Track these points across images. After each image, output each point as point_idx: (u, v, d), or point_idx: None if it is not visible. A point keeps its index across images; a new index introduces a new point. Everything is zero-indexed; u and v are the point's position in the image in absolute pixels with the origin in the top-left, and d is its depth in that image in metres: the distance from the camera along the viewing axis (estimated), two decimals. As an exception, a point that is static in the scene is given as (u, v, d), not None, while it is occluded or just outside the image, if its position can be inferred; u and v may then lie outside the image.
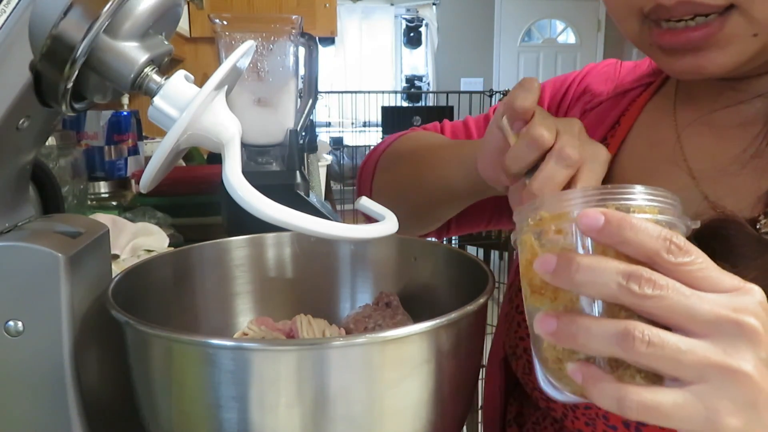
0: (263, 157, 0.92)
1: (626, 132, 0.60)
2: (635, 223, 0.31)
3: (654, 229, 0.32)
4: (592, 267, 0.31)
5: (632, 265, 0.31)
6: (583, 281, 0.32)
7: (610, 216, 0.32)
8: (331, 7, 2.14)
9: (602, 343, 0.31)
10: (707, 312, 0.31)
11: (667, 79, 0.62)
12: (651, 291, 0.30)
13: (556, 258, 0.32)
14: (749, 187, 0.49)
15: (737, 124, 0.52)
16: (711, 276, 0.32)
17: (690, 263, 0.31)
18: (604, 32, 6.04)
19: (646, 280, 0.30)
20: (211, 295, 0.58)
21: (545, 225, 0.35)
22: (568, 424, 0.54)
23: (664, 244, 0.31)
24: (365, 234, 0.43)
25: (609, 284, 0.31)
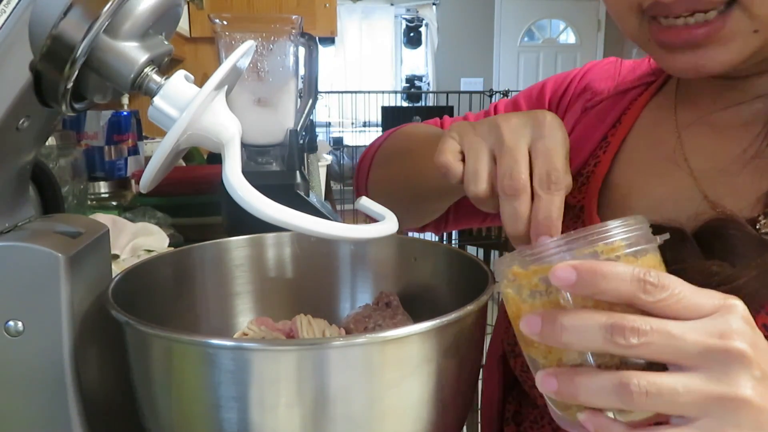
0: (263, 157, 0.92)
1: (627, 131, 0.60)
2: (606, 271, 0.32)
3: (625, 272, 0.32)
4: (575, 326, 0.32)
5: (614, 316, 0.32)
6: (570, 341, 0.32)
7: (581, 268, 0.32)
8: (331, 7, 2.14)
9: (603, 398, 0.32)
10: (694, 345, 0.31)
11: (668, 78, 0.62)
12: (636, 340, 0.31)
13: (540, 320, 0.33)
14: (749, 187, 0.49)
15: (738, 124, 0.52)
16: (690, 303, 0.32)
17: (668, 297, 0.32)
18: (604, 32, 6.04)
19: (630, 330, 0.31)
20: (211, 295, 0.58)
21: (522, 281, 0.36)
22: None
23: (639, 286, 0.32)
24: (365, 234, 0.43)
25: (595, 340, 0.32)
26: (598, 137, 0.61)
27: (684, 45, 0.48)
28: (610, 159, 0.59)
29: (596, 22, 6.05)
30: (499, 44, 6.15)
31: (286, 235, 0.60)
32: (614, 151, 0.59)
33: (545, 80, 0.74)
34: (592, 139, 0.62)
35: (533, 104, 0.73)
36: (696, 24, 0.46)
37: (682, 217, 0.49)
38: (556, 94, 0.72)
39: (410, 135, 0.77)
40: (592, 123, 0.63)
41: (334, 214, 1.06)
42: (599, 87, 0.67)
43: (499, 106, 0.77)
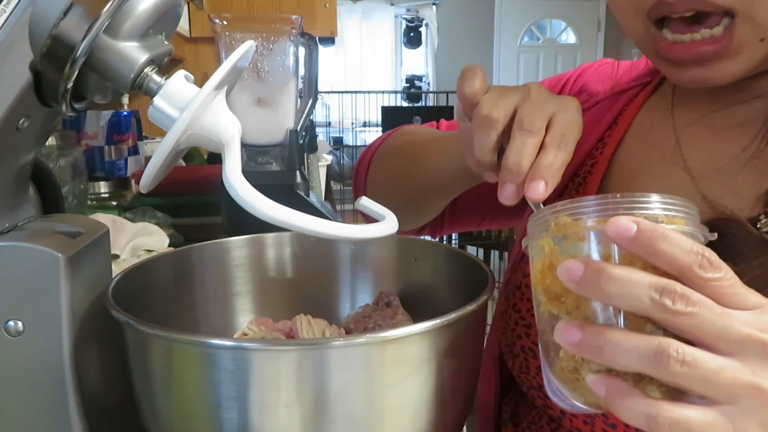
0: (263, 157, 0.92)
1: (623, 132, 0.60)
2: (669, 235, 0.31)
3: (687, 242, 0.31)
4: (623, 279, 0.30)
5: (666, 279, 0.30)
6: (614, 293, 0.31)
7: (643, 226, 0.31)
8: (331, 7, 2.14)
9: (632, 360, 0.30)
10: (736, 331, 0.30)
11: (665, 78, 0.62)
12: (684, 308, 0.30)
13: (584, 266, 0.31)
14: (748, 186, 0.49)
15: (736, 124, 0.52)
16: (738, 293, 0.31)
17: (720, 279, 0.31)
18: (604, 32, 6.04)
19: (680, 296, 0.30)
20: (211, 295, 0.58)
21: (567, 230, 0.34)
22: (566, 422, 0.54)
23: (696, 259, 0.30)
24: (365, 234, 0.43)
25: (641, 297, 0.30)
26: (595, 138, 0.61)
27: (692, 61, 0.47)
28: (607, 160, 0.59)
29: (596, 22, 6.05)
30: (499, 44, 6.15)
31: (286, 235, 0.60)
32: (611, 151, 0.59)
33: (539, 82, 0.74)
34: (589, 140, 0.62)
35: None
36: (703, 40, 0.46)
37: None
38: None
39: (409, 133, 0.77)
40: (589, 124, 0.63)
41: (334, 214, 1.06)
42: (595, 88, 0.67)
43: None
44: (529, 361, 0.57)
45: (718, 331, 0.30)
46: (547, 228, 0.35)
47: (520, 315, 0.58)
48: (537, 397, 0.57)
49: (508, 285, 0.62)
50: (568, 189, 0.61)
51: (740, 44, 0.46)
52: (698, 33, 0.46)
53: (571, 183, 0.61)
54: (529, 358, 0.57)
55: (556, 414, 0.55)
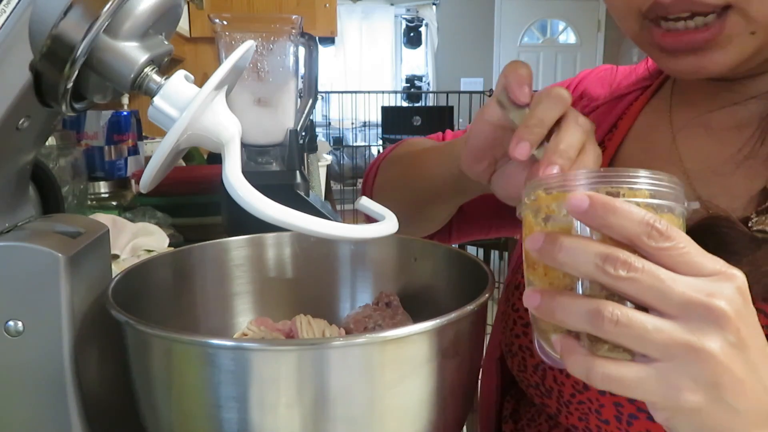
0: (263, 157, 0.92)
1: (623, 135, 0.61)
2: (618, 207, 0.33)
3: (637, 213, 0.33)
4: (572, 247, 0.33)
5: (610, 248, 0.33)
6: (564, 260, 0.34)
7: (594, 199, 0.33)
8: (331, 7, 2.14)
9: (576, 320, 0.34)
10: (679, 294, 0.32)
11: (664, 82, 0.63)
12: (625, 273, 0.32)
13: (543, 237, 0.35)
14: (742, 187, 0.50)
15: (731, 125, 0.53)
16: (692, 260, 0.33)
17: (670, 248, 0.33)
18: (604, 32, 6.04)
19: (622, 263, 0.32)
20: (211, 295, 0.58)
21: (541, 203, 0.37)
22: (562, 419, 0.54)
23: (644, 229, 0.33)
24: (365, 234, 0.43)
25: (587, 264, 0.33)
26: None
27: (685, 49, 0.48)
28: (607, 164, 0.60)
29: (596, 22, 6.05)
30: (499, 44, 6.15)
31: (286, 235, 0.60)
32: (611, 155, 0.60)
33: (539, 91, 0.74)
34: None
35: None
36: (696, 28, 0.47)
37: None
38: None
39: (411, 144, 0.79)
40: None
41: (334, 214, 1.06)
42: (595, 93, 0.68)
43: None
44: (526, 360, 0.57)
45: (659, 294, 0.32)
46: (528, 200, 0.38)
47: (518, 314, 0.59)
48: (535, 395, 0.57)
49: (509, 286, 0.62)
50: None
51: (730, 35, 0.46)
52: (692, 21, 0.47)
53: None
54: (527, 356, 0.57)
55: (553, 411, 0.55)
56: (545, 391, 0.55)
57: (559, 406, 0.54)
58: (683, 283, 0.33)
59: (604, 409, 0.50)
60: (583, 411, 0.52)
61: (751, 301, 0.38)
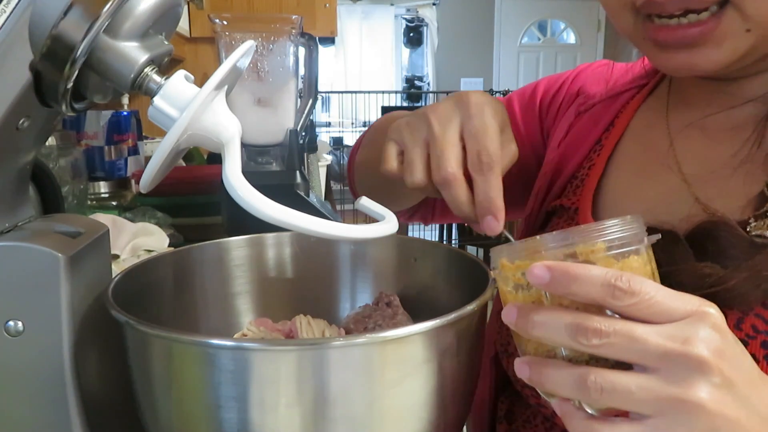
0: (263, 157, 0.92)
1: (620, 134, 0.61)
2: (578, 274, 0.33)
3: (597, 276, 0.33)
4: (543, 322, 0.34)
5: (579, 316, 0.33)
6: (539, 335, 0.35)
7: (554, 270, 0.34)
8: (331, 7, 2.14)
9: (565, 390, 0.34)
10: (655, 348, 0.32)
11: (660, 81, 0.62)
12: (597, 341, 0.33)
13: (516, 311, 0.35)
14: (739, 190, 0.50)
15: (729, 127, 0.53)
16: (661, 309, 0.33)
17: (637, 303, 0.33)
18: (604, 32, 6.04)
19: (592, 331, 0.33)
20: (211, 295, 0.58)
21: (507, 273, 0.38)
22: (559, 421, 0.54)
23: (608, 291, 0.33)
24: (365, 234, 0.43)
25: (560, 336, 0.34)
26: (592, 140, 0.62)
27: (678, 44, 0.48)
28: (604, 162, 0.59)
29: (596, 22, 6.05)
30: (499, 44, 6.14)
31: (286, 235, 0.60)
32: (608, 154, 0.60)
33: (539, 80, 0.75)
34: (587, 143, 0.62)
35: (525, 103, 0.74)
36: (689, 24, 0.46)
37: (674, 219, 0.49)
38: (547, 94, 0.72)
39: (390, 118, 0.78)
40: (586, 126, 0.64)
41: (334, 214, 1.06)
42: (592, 90, 0.68)
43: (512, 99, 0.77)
44: None
45: (636, 352, 0.33)
46: (495, 266, 0.39)
47: None
48: (531, 396, 0.57)
49: None
50: (567, 191, 0.61)
51: (726, 32, 0.46)
52: (685, 18, 0.47)
53: (569, 185, 0.61)
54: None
55: (550, 413, 0.55)
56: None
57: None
58: (657, 334, 0.33)
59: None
60: None
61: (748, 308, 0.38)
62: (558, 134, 0.67)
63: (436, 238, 3.83)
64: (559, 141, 0.66)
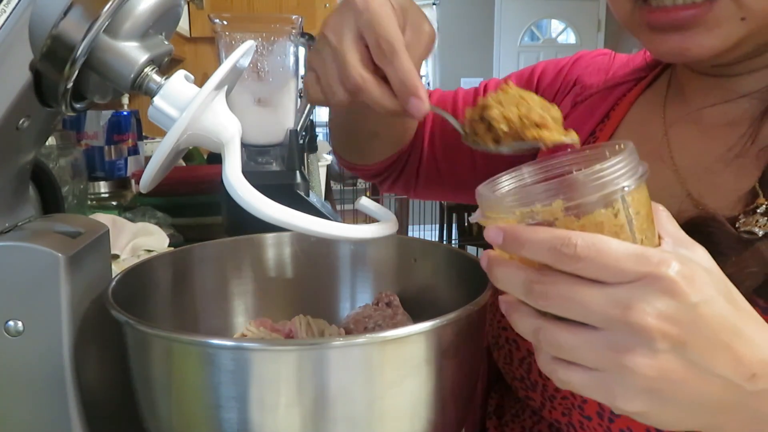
0: (263, 157, 0.92)
1: (615, 126, 0.61)
2: (525, 238, 0.34)
3: (543, 241, 0.34)
4: (503, 277, 0.36)
5: (529, 275, 0.35)
6: (501, 285, 0.37)
7: (506, 233, 0.35)
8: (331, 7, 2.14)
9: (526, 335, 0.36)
10: (597, 312, 0.33)
11: (659, 75, 0.62)
12: (543, 302, 0.34)
13: (486, 261, 0.37)
14: (731, 186, 0.50)
15: (724, 122, 0.53)
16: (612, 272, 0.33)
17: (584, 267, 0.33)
18: (604, 32, 6.04)
19: (538, 293, 0.34)
20: (211, 295, 0.58)
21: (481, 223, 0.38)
22: (546, 414, 0.55)
23: (554, 256, 0.33)
24: (365, 234, 0.43)
25: (516, 289, 0.36)
26: (587, 132, 0.62)
27: (671, 25, 0.48)
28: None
29: (596, 22, 6.05)
30: (499, 44, 6.15)
31: (286, 235, 0.60)
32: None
33: (538, 63, 0.75)
34: (581, 134, 0.62)
35: (522, 84, 0.74)
36: (684, 5, 0.47)
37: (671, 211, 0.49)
38: (545, 76, 0.73)
39: None
40: (582, 117, 0.64)
41: (334, 214, 1.06)
42: (590, 81, 0.68)
43: (489, 84, 0.78)
44: (512, 353, 0.57)
45: (580, 313, 0.34)
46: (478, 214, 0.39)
47: None
48: (520, 389, 0.57)
49: None
50: None
51: (719, 17, 0.46)
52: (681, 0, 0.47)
53: None
54: (513, 349, 0.57)
55: (537, 406, 0.56)
56: (530, 385, 0.55)
57: (543, 401, 0.55)
58: (601, 297, 0.33)
59: (587, 405, 0.50)
60: (566, 406, 0.52)
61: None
62: None
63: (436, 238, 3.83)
64: None
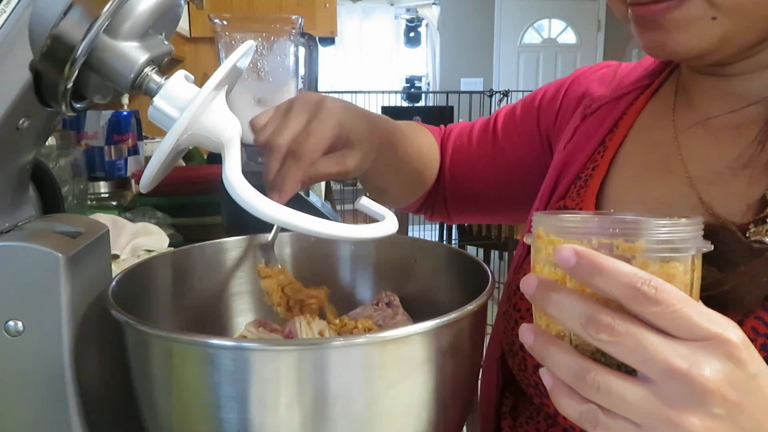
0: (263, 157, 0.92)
1: (624, 135, 0.61)
2: (605, 267, 0.32)
3: (623, 276, 0.32)
4: (559, 303, 0.34)
5: (595, 307, 0.33)
6: (552, 313, 0.34)
7: (582, 256, 0.33)
8: (331, 7, 2.14)
9: (563, 375, 0.34)
10: (661, 361, 0.32)
11: (665, 81, 0.62)
12: (606, 337, 0.32)
13: (536, 283, 0.35)
14: (742, 192, 0.49)
15: (734, 126, 0.53)
16: (683, 325, 0.32)
17: (658, 313, 0.32)
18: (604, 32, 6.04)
19: (604, 326, 0.32)
20: (211, 295, 0.58)
21: (540, 244, 0.36)
22: (561, 420, 0.55)
23: (631, 293, 0.32)
24: (365, 234, 0.43)
25: (572, 321, 0.33)
26: (596, 142, 0.62)
27: (648, 21, 0.50)
28: (607, 163, 0.59)
29: (596, 22, 6.05)
30: (499, 44, 6.14)
31: (286, 235, 0.60)
32: (611, 155, 0.60)
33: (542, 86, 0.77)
34: (590, 144, 0.62)
35: (526, 108, 0.76)
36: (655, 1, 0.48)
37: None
38: (545, 98, 0.74)
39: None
40: (591, 128, 0.64)
41: (334, 214, 1.06)
42: (597, 92, 0.68)
43: (500, 113, 0.80)
44: (527, 360, 0.57)
45: (642, 359, 0.32)
46: (532, 234, 0.37)
47: (519, 314, 0.58)
48: (534, 395, 0.57)
49: (510, 286, 0.62)
50: (571, 192, 0.61)
51: (690, 16, 0.47)
52: None
53: (573, 186, 0.62)
54: (527, 356, 0.57)
55: (552, 411, 0.55)
56: (544, 391, 0.55)
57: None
58: (668, 349, 0.32)
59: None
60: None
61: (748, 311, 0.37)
62: (564, 138, 0.68)
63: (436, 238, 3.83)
64: (565, 143, 0.66)
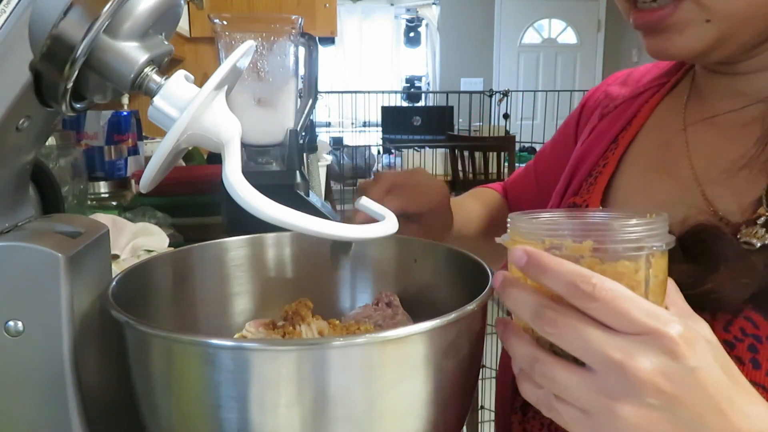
0: (263, 157, 0.92)
1: (635, 132, 0.61)
2: (548, 266, 0.35)
3: (564, 273, 0.35)
4: (515, 298, 0.38)
5: (542, 301, 0.36)
6: (510, 306, 0.38)
7: (531, 256, 0.36)
8: (331, 7, 2.14)
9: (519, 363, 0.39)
10: (599, 353, 0.34)
11: (680, 79, 0.63)
12: (551, 329, 0.35)
13: (501, 280, 0.39)
14: (744, 190, 0.50)
15: (740, 123, 0.53)
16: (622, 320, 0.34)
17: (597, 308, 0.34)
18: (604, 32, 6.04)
19: (548, 319, 0.35)
20: (211, 295, 0.58)
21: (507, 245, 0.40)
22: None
23: (571, 290, 0.35)
24: (365, 234, 0.43)
25: (525, 314, 0.37)
26: (609, 139, 0.63)
27: (646, 27, 0.51)
28: (616, 159, 0.60)
29: (596, 22, 6.05)
30: (499, 44, 6.15)
31: (286, 235, 0.60)
32: (621, 151, 0.60)
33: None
34: (604, 141, 0.64)
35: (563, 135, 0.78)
36: (651, 9, 0.50)
37: (678, 218, 0.49)
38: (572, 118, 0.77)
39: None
40: (606, 126, 0.65)
41: (334, 214, 1.06)
42: (615, 92, 0.69)
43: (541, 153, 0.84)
44: None
45: (583, 351, 0.35)
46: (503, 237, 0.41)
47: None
48: None
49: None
50: (582, 189, 0.62)
51: (684, 20, 0.49)
52: (654, 2, 0.50)
53: (585, 183, 0.62)
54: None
55: None
56: None
57: None
58: (606, 341, 0.34)
59: None
60: None
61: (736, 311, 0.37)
62: (583, 137, 0.69)
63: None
64: (582, 141, 0.68)
